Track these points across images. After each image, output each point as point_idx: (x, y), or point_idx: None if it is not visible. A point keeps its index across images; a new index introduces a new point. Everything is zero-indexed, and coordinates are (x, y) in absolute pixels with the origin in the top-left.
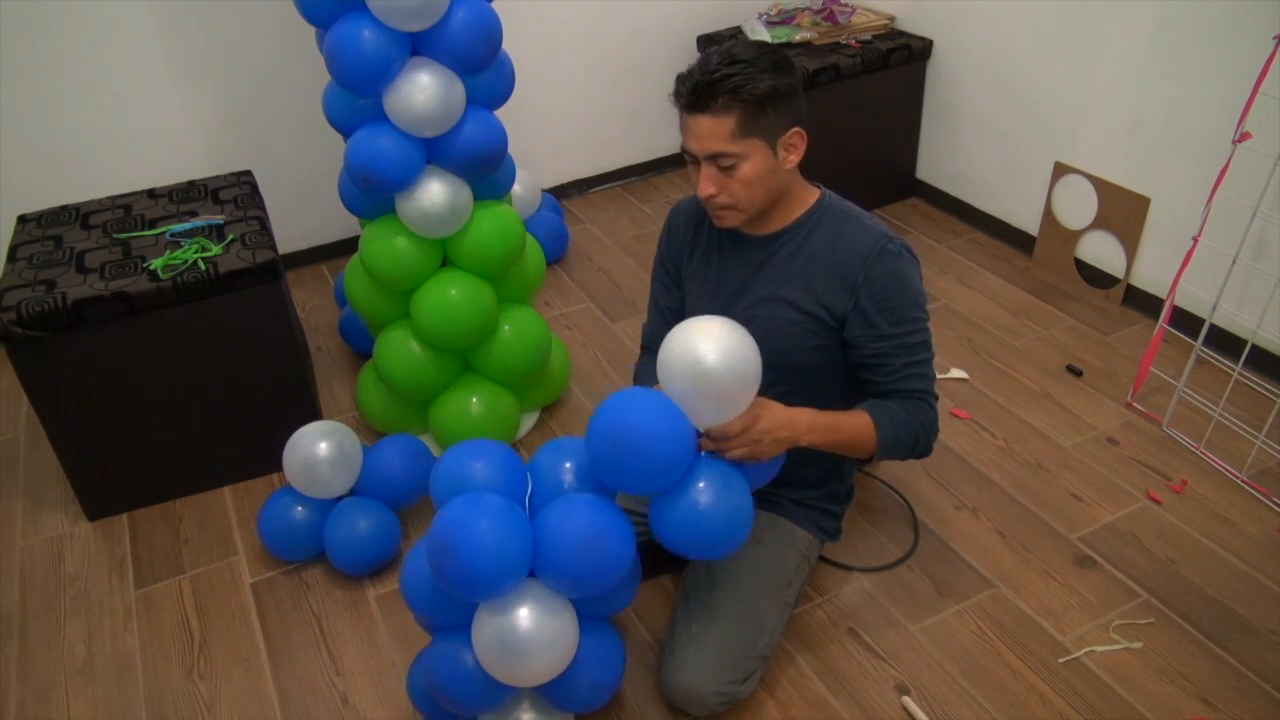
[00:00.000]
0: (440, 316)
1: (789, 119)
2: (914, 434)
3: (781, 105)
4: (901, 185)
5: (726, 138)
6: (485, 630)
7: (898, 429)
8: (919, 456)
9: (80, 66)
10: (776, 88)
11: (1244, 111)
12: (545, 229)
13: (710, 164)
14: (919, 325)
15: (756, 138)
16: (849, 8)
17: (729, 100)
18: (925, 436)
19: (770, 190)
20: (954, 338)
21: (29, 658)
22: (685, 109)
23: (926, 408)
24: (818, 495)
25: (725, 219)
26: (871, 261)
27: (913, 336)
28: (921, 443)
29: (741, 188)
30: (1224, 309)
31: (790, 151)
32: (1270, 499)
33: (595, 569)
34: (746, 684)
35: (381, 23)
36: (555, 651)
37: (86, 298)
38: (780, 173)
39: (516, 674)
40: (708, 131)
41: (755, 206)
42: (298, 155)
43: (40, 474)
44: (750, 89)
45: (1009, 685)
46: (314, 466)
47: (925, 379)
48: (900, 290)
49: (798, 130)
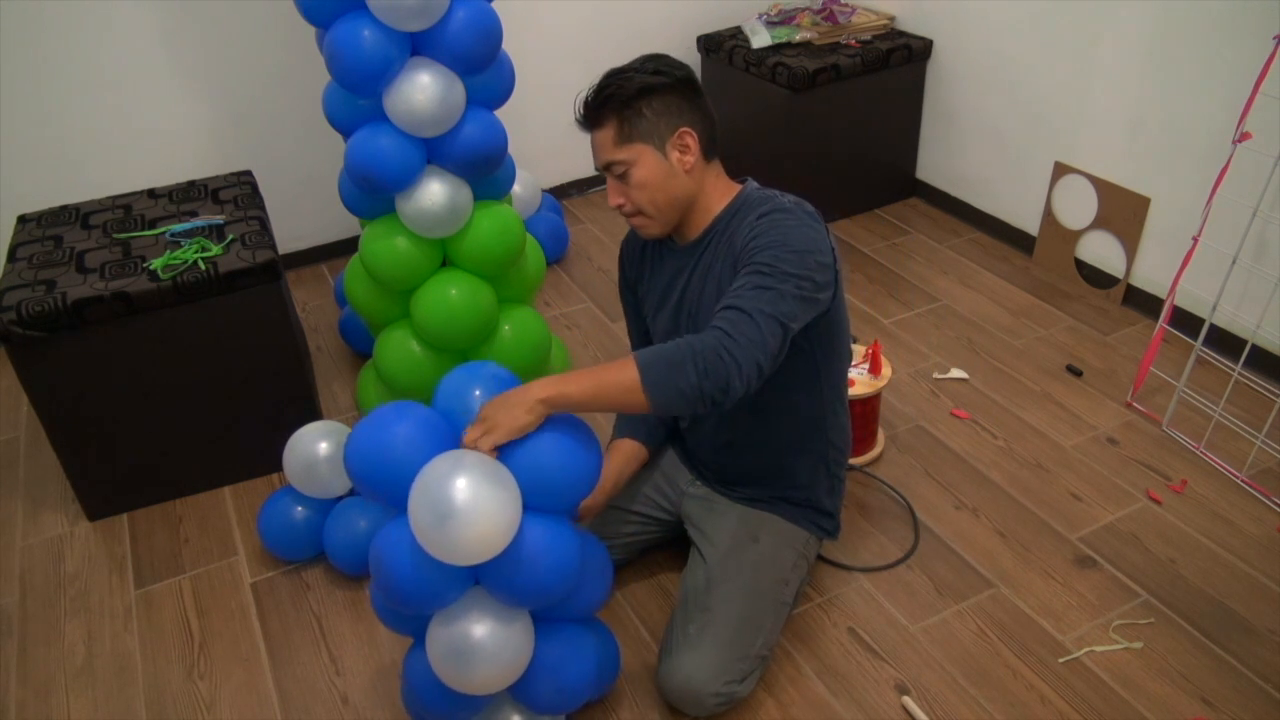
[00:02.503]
0: (440, 316)
1: (673, 120)
2: (692, 359)
3: (658, 105)
4: (901, 185)
5: (611, 146)
6: (434, 639)
7: (666, 357)
8: (724, 392)
9: (80, 66)
10: (648, 85)
11: (1244, 111)
12: (545, 229)
13: (610, 176)
14: (779, 255)
15: (639, 141)
16: (849, 8)
17: (606, 109)
18: (709, 362)
19: (672, 193)
20: (954, 338)
21: (29, 658)
22: (582, 130)
23: (718, 330)
24: (809, 492)
25: (644, 228)
26: (752, 222)
27: (761, 254)
28: (708, 372)
29: (639, 192)
30: (1224, 309)
31: (683, 152)
32: (1270, 499)
33: (533, 584)
34: (745, 684)
35: (381, 23)
36: (504, 658)
37: (86, 298)
38: (678, 175)
39: (467, 682)
40: (598, 144)
41: (661, 210)
42: (298, 155)
43: (40, 474)
44: (620, 94)
45: (1009, 685)
46: (314, 466)
47: (746, 298)
48: (772, 231)
49: (686, 130)
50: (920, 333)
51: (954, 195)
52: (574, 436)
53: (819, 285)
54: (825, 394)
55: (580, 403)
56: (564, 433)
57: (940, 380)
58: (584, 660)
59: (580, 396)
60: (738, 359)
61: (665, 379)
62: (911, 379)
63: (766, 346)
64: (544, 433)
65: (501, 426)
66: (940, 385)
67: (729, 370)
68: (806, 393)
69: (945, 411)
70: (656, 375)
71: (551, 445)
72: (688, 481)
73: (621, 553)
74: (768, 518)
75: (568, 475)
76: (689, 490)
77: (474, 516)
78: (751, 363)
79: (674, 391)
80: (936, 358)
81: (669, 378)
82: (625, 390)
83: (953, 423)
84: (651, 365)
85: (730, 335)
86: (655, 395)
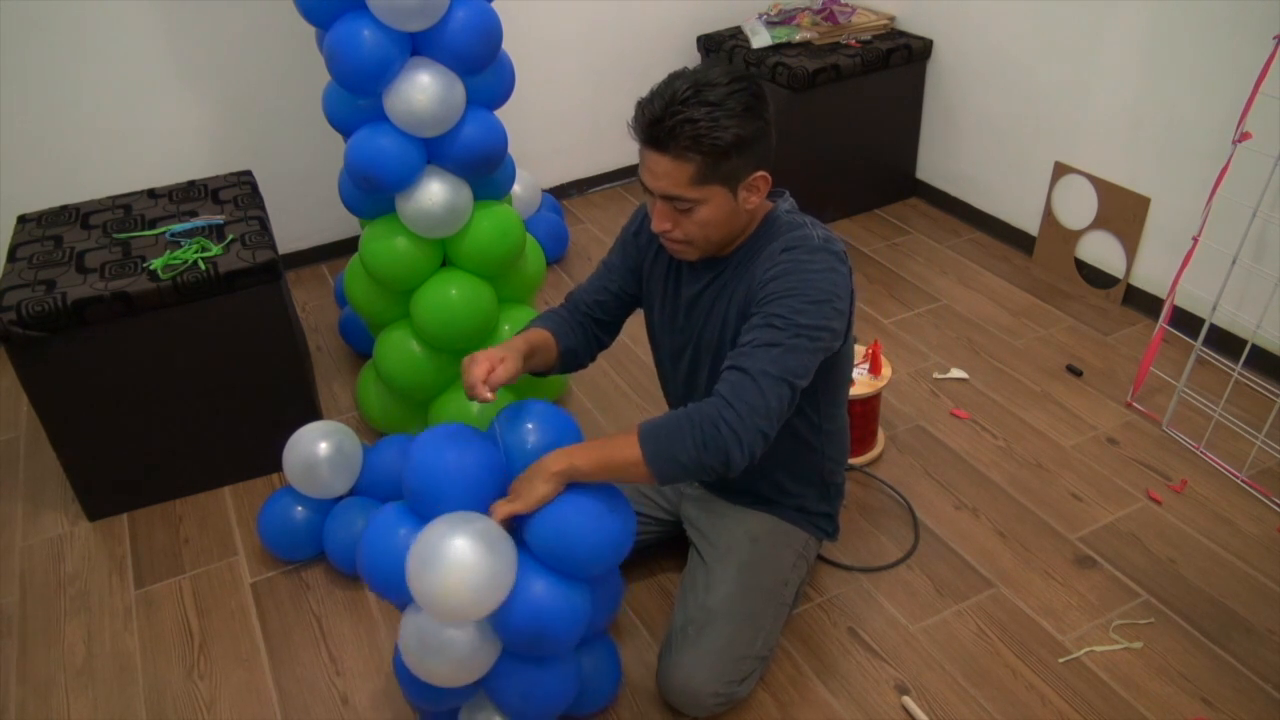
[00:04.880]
0: (440, 316)
1: (753, 163)
2: (691, 432)
3: (747, 152)
4: (901, 185)
5: (685, 183)
6: (405, 624)
7: (667, 430)
8: (725, 464)
9: (80, 66)
10: (742, 137)
11: (1244, 111)
12: (545, 229)
13: (665, 203)
14: (795, 306)
15: (717, 184)
16: (849, 8)
17: (689, 146)
18: (707, 435)
19: (728, 230)
20: (954, 338)
21: (29, 658)
22: (642, 143)
23: (719, 399)
24: (807, 497)
25: (680, 253)
26: (775, 254)
27: (777, 304)
28: (706, 445)
29: (698, 229)
30: (1224, 309)
31: (752, 193)
32: (1270, 499)
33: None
34: (744, 684)
35: (381, 23)
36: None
37: (86, 298)
38: (740, 214)
39: (425, 671)
40: (664, 173)
41: (712, 245)
42: (298, 155)
43: (40, 474)
44: (713, 139)
45: (1009, 685)
46: (314, 466)
47: (753, 358)
48: (791, 276)
49: (762, 174)
50: (920, 333)
51: (954, 195)
52: (596, 505)
53: (835, 333)
54: (824, 415)
55: (589, 474)
56: (585, 502)
57: (940, 380)
58: (557, 679)
59: (588, 469)
60: (737, 431)
61: (665, 452)
62: (911, 379)
63: (770, 411)
64: (565, 501)
65: (522, 498)
66: (940, 385)
67: (728, 443)
68: (804, 416)
69: (945, 411)
70: (657, 448)
71: (570, 511)
72: (687, 483)
73: None
74: (767, 519)
75: (586, 541)
76: (688, 491)
77: (449, 570)
78: (753, 431)
79: (675, 465)
80: (936, 358)
81: (669, 450)
82: (629, 464)
83: (953, 423)
84: (651, 438)
85: (730, 405)
86: (657, 468)
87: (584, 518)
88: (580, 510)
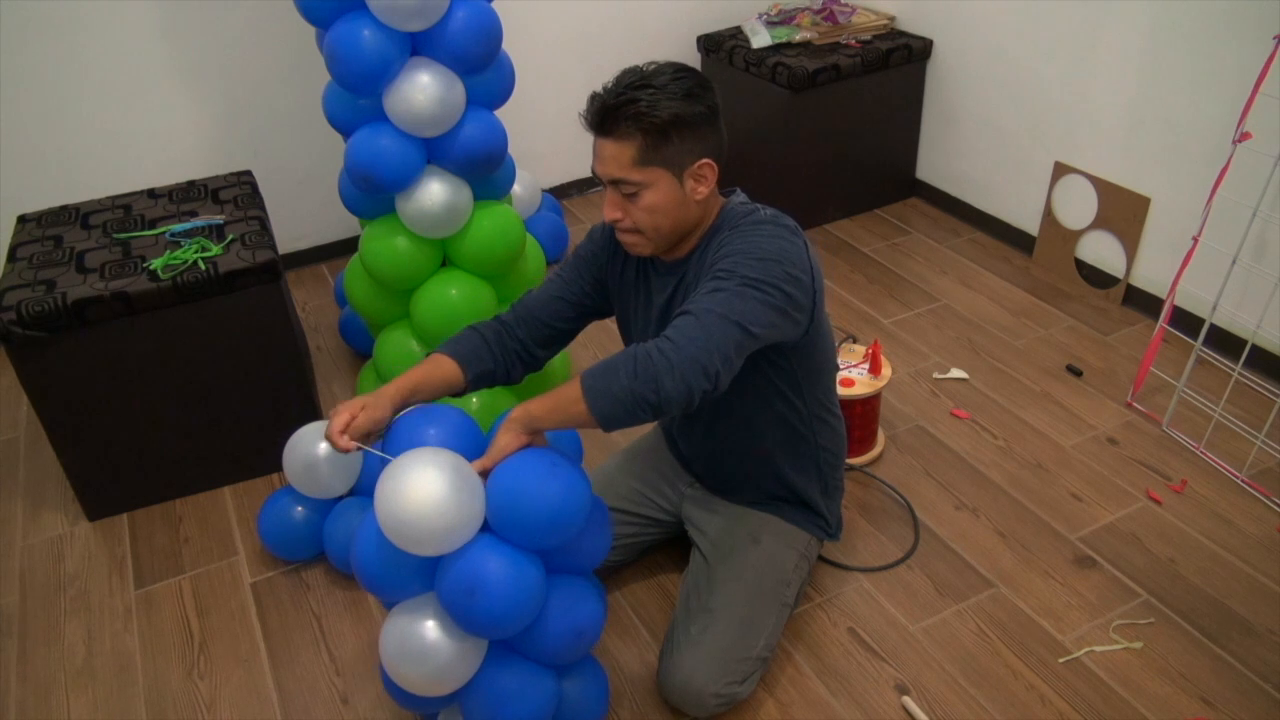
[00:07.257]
0: (440, 316)
1: (698, 149)
2: (625, 364)
3: (688, 134)
4: (901, 185)
5: (628, 164)
6: (387, 628)
7: (605, 365)
8: (656, 392)
9: (80, 66)
10: (680, 116)
11: (1244, 111)
12: (545, 229)
13: (614, 189)
14: (739, 261)
15: (659, 167)
16: (849, 8)
17: (630, 126)
18: (640, 364)
19: (677, 220)
20: (954, 338)
21: (29, 658)
22: (593, 132)
23: (661, 336)
24: (804, 496)
25: (634, 247)
26: (726, 236)
27: (722, 263)
28: (637, 374)
29: (645, 215)
30: (1224, 309)
31: (700, 182)
32: (1270, 499)
33: (474, 619)
34: (745, 684)
35: (381, 23)
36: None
37: (86, 298)
38: (689, 203)
39: (401, 678)
40: (610, 156)
41: (661, 235)
42: (298, 155)
43: (40, 474)
44: (652, 116)
45: (1009, 685)
46: (314, 466)
47: (697, 301)
48: (738, 241)
49: (708, 162)
50: (920, 333)
51: (954, 195)
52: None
53: (789, 298)
54: (810, 402)
55: (542, 418)
56: (538, 462)
57: (940, 380)
58: (532, 700)
59: (541, 412)
60: (670, 358)
61: (600, 386)
62: (911, 379)
63: (710, 344)
64: (516, 456)
65: (488, 452)
66: (940, 385)
67: (659, 370)
68: (789, 402)
69: (945, 411)
70: (593, 383)
71: (515, 464)
72: (687, 483)
73: (621, 554)
74: (769, 519)
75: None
76: (688, 492)
77: (415, 484)
78: (688, 361)
79: (609, 397)
80: (936, 358)
81: (604, 384)
82: (572, 401)
83: (953, 423)
84: (590, 375)
85: (669, 338)
86: (592, 401)
87: (528, 474)
88: (524, 465)
